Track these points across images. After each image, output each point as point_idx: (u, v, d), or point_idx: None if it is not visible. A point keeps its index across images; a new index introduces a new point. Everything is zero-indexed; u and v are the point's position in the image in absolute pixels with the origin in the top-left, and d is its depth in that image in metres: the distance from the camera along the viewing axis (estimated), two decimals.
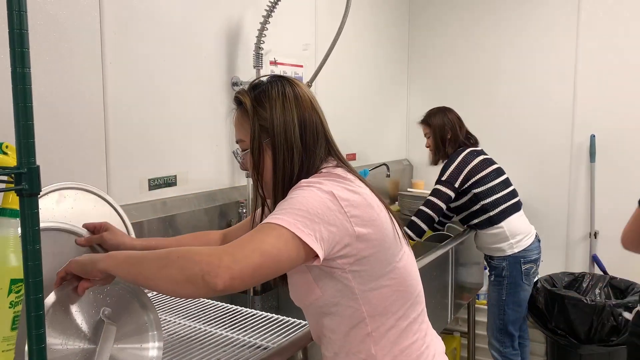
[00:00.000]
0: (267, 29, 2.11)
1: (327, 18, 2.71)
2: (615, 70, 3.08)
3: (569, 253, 3.28)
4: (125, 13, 1.69)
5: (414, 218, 2.47)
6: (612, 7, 3.07)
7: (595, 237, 3.18)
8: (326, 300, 1.07)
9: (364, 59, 3.16)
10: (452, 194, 2.47)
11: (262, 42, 2.12)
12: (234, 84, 2.14)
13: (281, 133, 1.08)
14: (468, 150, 2.54)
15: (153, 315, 1.13)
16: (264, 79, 1.15)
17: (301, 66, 2.56)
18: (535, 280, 2.70)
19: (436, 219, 2.48)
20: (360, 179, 1.10)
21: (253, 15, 2.20)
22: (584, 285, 3.02)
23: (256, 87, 1.13)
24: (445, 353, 1.25)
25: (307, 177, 1.06)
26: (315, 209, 0.95)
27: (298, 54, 2.55)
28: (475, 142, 2.67)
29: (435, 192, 2.49)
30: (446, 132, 2.61)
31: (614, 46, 3.08)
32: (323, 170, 1.09)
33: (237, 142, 1.17)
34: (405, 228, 2.49)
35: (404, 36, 3.66)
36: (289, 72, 2.47)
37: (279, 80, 1.13)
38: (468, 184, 2.47)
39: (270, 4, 2.07)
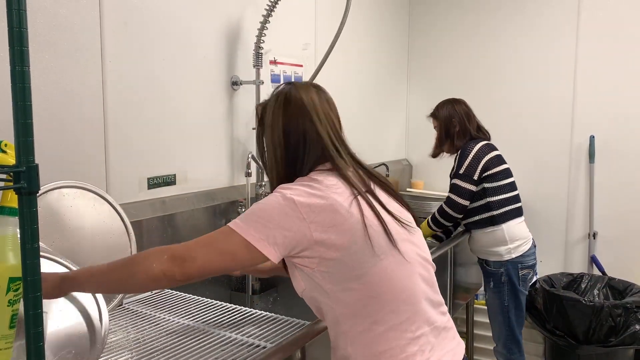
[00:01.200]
0: (267, 28, 2.11)
1: (327, 17, 2.71)
2: (614, 71, 3.09)
3: (567, 254, 3.29)
4: (125, 12, 1.69)
5: (441, 219, 2.43)
6: (612, 9, 3.07)
7: (594, 238, 3.18)
8: (309, 293, 1.14)
9: (363, 59, 3.16)
10: (474, 189, 2.40)
11: (262, 41, 2.12)
12: (234, 83, 2.14)
13: (268, 136, 1.20)
14: (483, 142, 2.46)
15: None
16: (282, 84, 1.28)
17: (301, 66, 2.56)
18: (533, 282, 2.68)
19: (459, 219, 2.43)
20: (338, 171, 1.15)
21: (253, 14, 2.21)
22: (583, 285, 3.03)
23: (270, 96, 1.26)
24: None
25: (293, 179, 1.16)
26: (272, 216, 1.05)
27: (298, 54, 2.55)
28: (488, 137, 2.59)
29: (456, 189, 2.40)
30: (453, 125, 2.52)
31: (614, 47, 3.08)
32: (311, 174, 1.16)
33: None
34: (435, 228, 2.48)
35: (404, 36, 3.66)
36: (288, 71, 2.47)
37: (285, 86, 1.24)
38: (482, 176, 2.40)
39: (270, 4, 2.07)
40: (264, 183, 2.20)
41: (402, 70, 3.66)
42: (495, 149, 2.49)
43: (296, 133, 1.18)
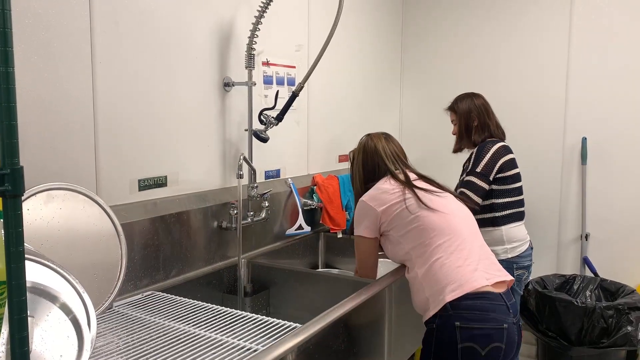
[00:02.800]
0: (260, 29, 2.10)
1: (320, 19, 2.71)
2: (607, 72, 3.10)
3: (560, 255, 3.30)
4: (115, 12, 1.68)
5: None
6: (604, 10, 3.09)
7: (587, 239, 3.19)
8: (396, 252, 1.83)
9: (357, 60, 3.15)
10: (487, 188, 2.40)
11: (254, 42, 2.11)
12: (226, 84, 2.13)
13: (354, 167, 2.02)
14: (501, 144, 2.47)
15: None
16: (363, 138, 2.04)
17: (294, 67, 2.56)
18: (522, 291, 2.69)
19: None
20: (393, 178, 1.88)
21: (245, 15, 2.20)
22: (575, 287, 3.03)
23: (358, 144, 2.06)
24: None
25: (366, 189, 1.92)
26: (360, 215, 1.89)
27: (291, 55, 2.54)
28: (504, 136, 2.59)
29: (472, 186, 2.40)
30: (472, 119, 2.52)
31: (606, 49, 3.09)
32: (377, 182, 1.91)
33: None
34: None
35: (397, 36, 3.67)
36: (281, 72, 2.46)
37: (363, 137, 2.04)
38: (495, 177, 2.41)
39: (262, 4, 2.07)
40: (255, 185, 2.19)
41: (395, 70, 3.66)
42: (511, 151, 2.50)
43: (372, 164, 1.95)
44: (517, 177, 2.50)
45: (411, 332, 2.05)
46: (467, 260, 1.66)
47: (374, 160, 1.94)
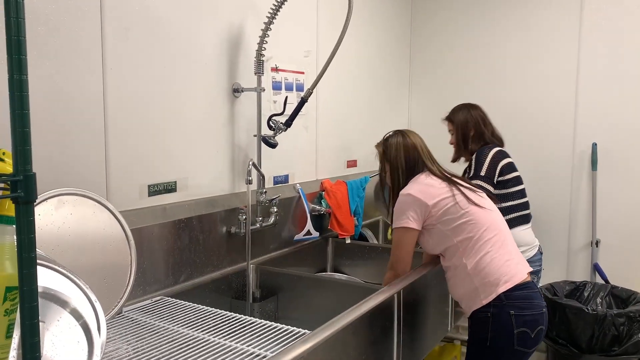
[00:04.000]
0: (269, 35, 2.11)
1: (328, 25, 2.71)
2: (617, 78, 3.08)
3: (570, 262, 3.27)
4: (126, 19, 1.69)
5: None
6: (614, 15, 3.07)
7: (597, 246, 3.17)
8: (437, 244, 1.91)
9: (365, 66, 3.16)
10: (493, 190, 2.43)
11: (263, 48, 2.12)
12: (235, 90, 2.14)
13: (394, 162, 2.02)
14: (497, 148, 2.52)
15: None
16: (390, 133, 2.09)
17: (302, 73, 2.56)
18: None
19: None
20: (433, 174, 1.96)
21: (254, 22, 2.21)
22: (585, 294, 3.01)
23: (386, 139, 2.08)
24: None
25: (406, 183, 1.97)
26: (404, 207, 1.91)
27: (299, 61, 2.55)
28: (502, 143, 2.63)
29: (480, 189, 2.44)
30: (469, 129, 2.58)
31: (616, 54, 3.07)
32: (413, 178, 1.97)
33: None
34: None
35: (406, 42, 3.67)
36: (290, 78, 2.47)
37: (395, 134, 2.06)
38: (496, 181, 2.44)
39: (271, 11, 2.07)
40: (264, 190, 2.19)
41: (403, 75, 3.66)
42: (508, 155, 2.53)
43: (413, 158, 2.00)
44: (517, 180, 2.51)
45: (421, 338, 2.04)
46: (512, 254, 1.86)
47: (414, 156, 1.99)
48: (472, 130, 2.57)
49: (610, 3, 3.08)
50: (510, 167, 2.49)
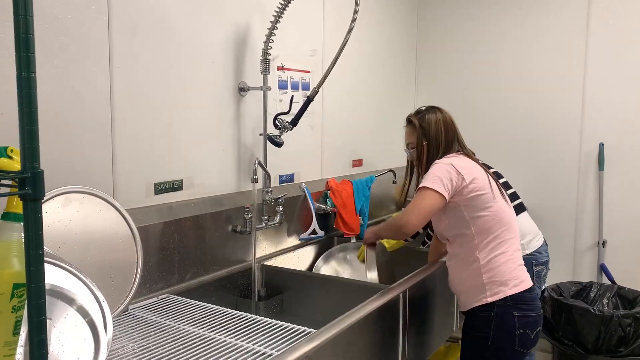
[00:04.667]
0: (275, 34, 2.11)
1: (334, 24, 2.71)
2: (624, 77, 3.06)
3: (576, 262, 3.26)
4: (133, 18, 1.70)
5: None
6: (621, 15, 3.05)
7: (604, 246, 3.15)
8: (450, 227, 1.86)
9: (371, 65, 3.15)
10: None
11: (269, 47, 2.12)
12: (241, 89, 2.14)
13: (432, 139, 1.94)
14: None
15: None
16: (423, 108, 2.01)
17: (308, 72, 2.56)
18: (543, 287, 2.67)
19: None
20: (469, 157, 1.90)
21: (260, 21, 2.21)
22: (592, 294, 2.99)
23: (419, 112, 2.00)
24: None
25: (441, 158, 1.89)
26: (442, 173, 1.79)
27: (305, 60, 2.55)
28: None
29: None
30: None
31: (623, 54, 3.06)
32: (450, 155, 1.90)
33: (407, 145, 2.06)
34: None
35: (412, 42, 3.66)
36: (296, 77, 2.47)
37: (433, 110, 1.98)
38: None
39: (278, 10, 2.07)
40: (270, 189, 2.20)
41: (409, 75, 3.65)
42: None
43: (450, 134, 1.95)
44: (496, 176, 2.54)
45: (426, 337, 2.04)
46: (522, 261, 1.87)
47: (452, 133, 1.95)
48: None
49: (617, 3, 3.06)
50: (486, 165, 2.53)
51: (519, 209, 2.52)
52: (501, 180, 2.56)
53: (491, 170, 2.50)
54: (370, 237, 2.06)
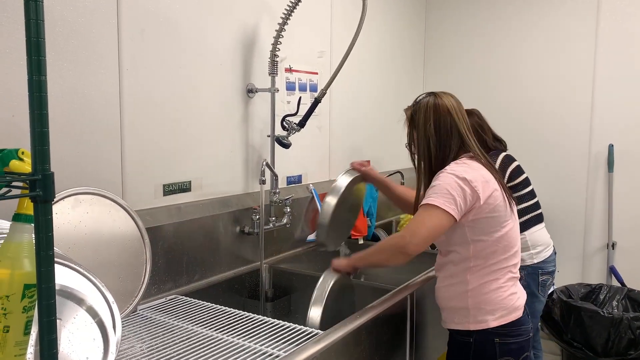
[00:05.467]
0: (283, 36, 2.12)
1: (342, 25, 2.71)
2: (634, 79, 3.04)
3: (585, 264, 3.24)
4: (142, 21, 1.71)
5: None
6: (631, 15, 3.03)
7: (613, 248, 3.13)
8: (448, 242, 1.62)
9: (379, 66, 3.15)
10: None
11: (277, 49, 2.12)
12: (249, 90, 2.15)
13: (421, 129, 1.63)
14: (504, 154, 2.49)
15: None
16: (423, 94, 1.70)
17: (316, 73, 2.57)
18: (550, 291, 2.66)
19: None
20: (483, 165, 1.59)
21: (269, 22, 2.22)
22: (601, 297, 2.98)
23: (415, 102, 1.70)
24: None
25: (443, 163, 1.60)
26: (455, 189, 1.51)
27: (313, 61, 2.55)
28: (505, 146, 2.61)
29: None
30: None
31: (633, 55, 3.04)
32: (459, 160, 1.60)
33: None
34: None
35: (420, 43, 3.66)
36: (304, 79, 2.48)
37: (428, 95, 1.68)
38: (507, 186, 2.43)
39: (285, 12, 2.08)
40: (277, 190, 2.20)
41: (417, 77, 3.65)
42: (514, 159, 2.50)
43: (445, 126, 1.61)
44: (526, 182, 2.51)
45: (433, 339, 2.04)
46: (517, 287, 1.67)
47: (446, 124, 1.62)
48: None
49: (626, 3, 3.04)
50: (519, 170, 2.48)
51: (537, 220, 2.49)
52: (531, 187, 2.50)
53: (513, 165, 2.46)
54: (343, 266, 1.72)
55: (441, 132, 1.61)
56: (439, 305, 1.73)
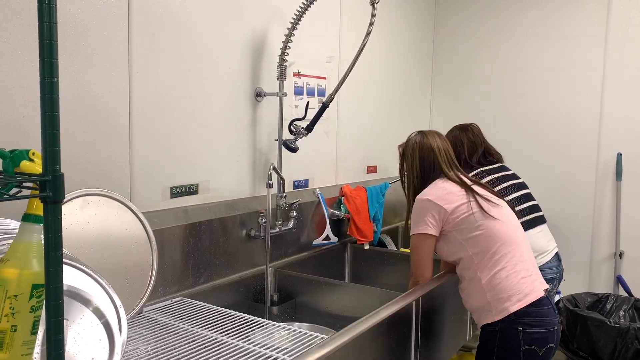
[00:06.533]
0: (292, 40, 2.12)
1: (351, 30, 2.72)
2: None
3: (592, 273, 3.21)
4: (152, 24, 1.72)
5: None
6: None
7: (621, 258, 3.11)
8: (450, 252, 1.89)
9: (387, 72, 3.16)
10: None
11: (286, 53, 2.13)
12: (258, 94, 2.16)
13: (409, 163, 2.01)
14: (475, 172, 2.55)
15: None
16: (413, 134, 2.05)
17: (324, 78, 2.57)
18: (556, 300, 2.64)
19: None
20: (449, 179, 1.92)
21: (278, 27, 2.22)
22: (608, 306, 2.96)
23: (407, 140, 2.05)
24: None
25: (422, 188, 1.93)
26: (423, 213, 1.87)
27: (322, 66, 2.56)
28: (497, 159, 2.64)
29: None
30: (459, 152, 2.61)
31: None
32: (431, 183, 1.93)
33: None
34: None
35: (428, 49, 3.66)
36: (312, 84, 2.48)
37: (417, 134, 2.03)
38: None
39: (295, 17, 2.09)
40: (284, 194, 2.20)
41: (425, 83, 3.65)
42: (490, 173, 2.54)
43: (428, 161, 1.97)
44: (515, 187, 2.53)
45: (439, 346, 2.03)
46: (529, 271, 1.81)
47: (430, 158, 1.96)
48: (463, 153, 2.61)
49: (636, 12, 3.03)
50: (492, 182, 2.51)
51: (532, 223, 2.48)
52: (522, 192, 2.53)
53: (509, 184, 2.51)
54: None
55: (425, 166, 1.97)
56: (469, 310, 1.93)
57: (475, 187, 1.93)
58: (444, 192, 1.88)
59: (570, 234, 3.20)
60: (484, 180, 2.51)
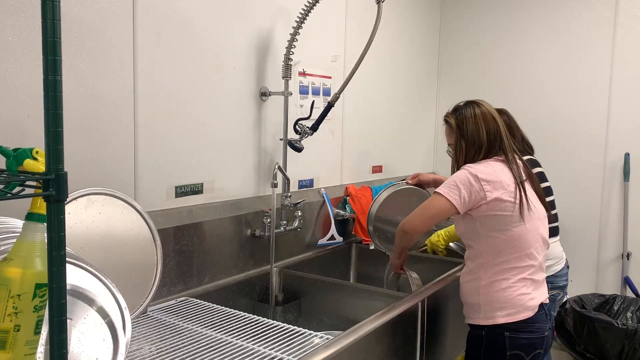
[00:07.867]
0: (297, 40, 2.12)
1: (356, 30, 2.71)
2: None
3: (599, 274, 3.19)
4: (157, 23, 1.72)
5: None
6: None
7: (628, 259, 3.09)
8: (464, 234, 1.79)
9: (393, 71, 3.14)
10: None
11: (291, 53, 2.12)
12: (263, 94, 2.15)
13: (470, 137, 1.77)
14: (527, 157, 2.38)
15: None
16: (462, 103, 1.84)
17: (329, 77, 2.56)
18: (563, 301, 2.62)
19: None
20: (510, 169, 1.73)
21: (283, 26, 2.22)
22: (615, 307, 2.93)
23: (456, 110, 1.84)
24: None
25: (475, 159, 1.76)
26: (463, 182, 1.69)
27: (327, 65, 2.55)
28: (531, 150, 2.49)
29: None
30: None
31: None
32: (488, 160, 1.75)
33: (448, 145, 1.89)
34: None
35: (434, 48, 3.64)
36: (317, 83, 2.47)
37: (469, 104, 1.81)
38: None
39: (300, 16, 2.08)
40: (289, 194, 2.20)
41: (431, 82, 3.63)
42: (538, 164, 2.42)
43: (494, 134, 1.76)
44: (546, 192, 2.42)
45: (444, 347, 2.02)
46: (531, 288, 1.73)
47: (494, 129, 1.76)
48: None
49: None
50: (540, 178, 2.40)
51: (552, 233, 2.43)
52: (550, 198, 2.42)
53: (535, 170, 2.30)
54: (395, 262, 2.00)
55: (490, 138, 1.77)
56: (461, 300, 1.86)
57: (527, 185, 1.75)
58: (495, 179, 1.68)
59: (577, 234, 3.18)
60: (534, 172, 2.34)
